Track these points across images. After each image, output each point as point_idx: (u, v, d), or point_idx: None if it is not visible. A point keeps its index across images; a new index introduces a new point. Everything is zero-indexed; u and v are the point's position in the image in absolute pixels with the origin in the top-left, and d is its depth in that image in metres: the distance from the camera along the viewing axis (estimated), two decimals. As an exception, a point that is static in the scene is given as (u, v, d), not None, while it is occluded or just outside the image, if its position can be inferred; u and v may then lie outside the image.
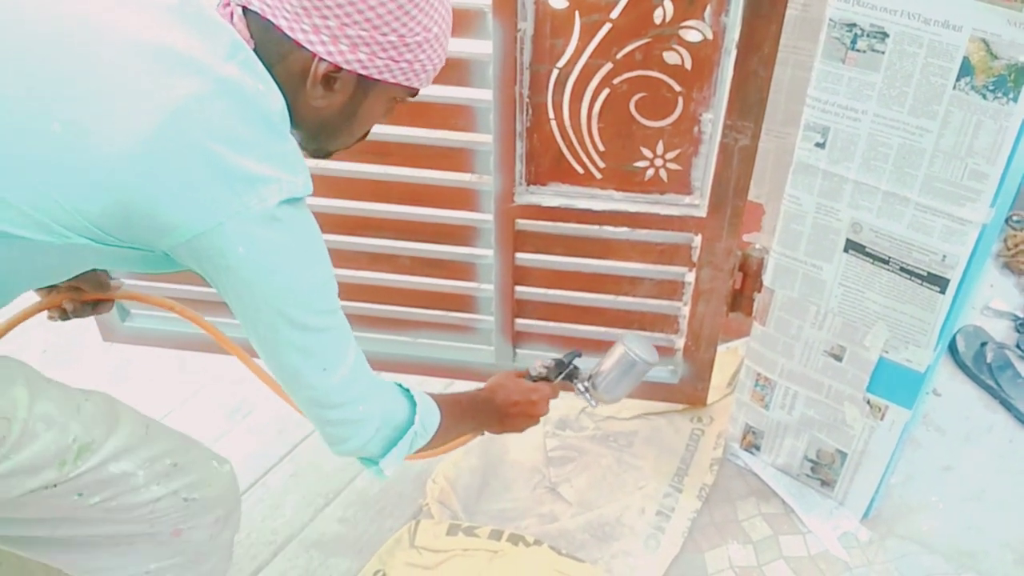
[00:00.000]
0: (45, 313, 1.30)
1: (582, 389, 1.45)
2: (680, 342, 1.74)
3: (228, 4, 0.89)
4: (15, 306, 1.06)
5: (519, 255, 1.66)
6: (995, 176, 1.19)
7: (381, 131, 1.26)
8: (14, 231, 0.81)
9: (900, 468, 1.71)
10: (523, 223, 1.60)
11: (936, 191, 1.25)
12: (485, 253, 1.67)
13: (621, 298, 1.68)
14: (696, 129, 1.46)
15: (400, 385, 1.12)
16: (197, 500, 1.11)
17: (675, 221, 1.55)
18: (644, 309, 1.70)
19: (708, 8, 1.34)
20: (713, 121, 1.44)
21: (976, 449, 1.83)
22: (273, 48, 0.89)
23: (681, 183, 1.53)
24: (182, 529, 1.11)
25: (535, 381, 1.39)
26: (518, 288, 1.71)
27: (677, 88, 1.42)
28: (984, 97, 1.15)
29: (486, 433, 1.38)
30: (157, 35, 0.83)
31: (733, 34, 1.34)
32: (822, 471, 1.68)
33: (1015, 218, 2.39)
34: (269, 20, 0.87)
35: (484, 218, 1.61)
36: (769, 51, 1.33)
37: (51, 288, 1.27)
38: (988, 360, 1.98)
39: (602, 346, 1.76)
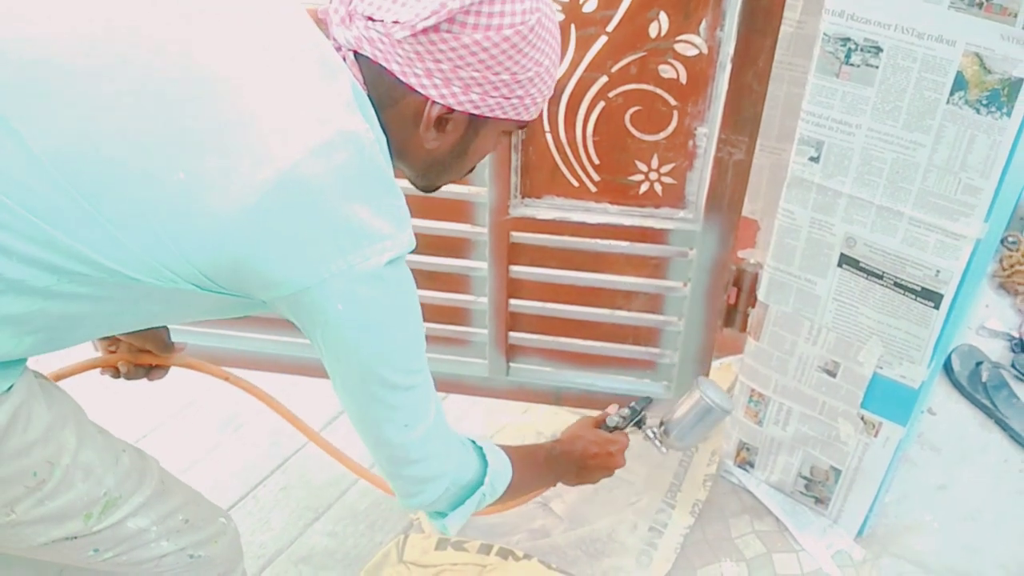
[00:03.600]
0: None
1: (652, 435, 1.44)
2: (675, 357, 1.73)
3: (340, 48, 0.89)
4: (68, 356, 1.07)
5: (513, 268, 1.65)
6: (989, 191, 1.19)
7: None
8: (128, 272, 0.81)
9: (895, 487, 1.70)
10: (517, 235, 1.60)
11: (930, 206, 1.25)
12: (479, 265, 1.66)
13: (615, 312, 1.68)
14: (691, 143, 1.46)
15: (475, 442, 1.11)
16: (202, 557, 1.11)
17: (669, 235, 1.55)
18: (638, 323, 1.69)
19: (703, 22, 1.34)
20: (708, 135, 1.44)
21: (971, 468, 1.82)
22: (385, 92, 0.89)
23: (676, 197, 1.53)
24: None
25: (612, 430, 1.38)
26: (512, 301, 1.70)
27: (672, 102, 1.42)
28: (977, 111, 1.15)
29: (559, 484, 1.36)
30: (287, 86, 0.83)
31: (728, 48, 1.34)
32: (816, 488, 1.67)
33: (1010, 239, 2.39)
34: (381, 65, 0.87)
35: (479, 230, 1.61)
36: (764, 65, 1.34)
37: (114, 341, 1.25)
38: (983, 380, 1.97)
39: (597, 361, 1.77)
